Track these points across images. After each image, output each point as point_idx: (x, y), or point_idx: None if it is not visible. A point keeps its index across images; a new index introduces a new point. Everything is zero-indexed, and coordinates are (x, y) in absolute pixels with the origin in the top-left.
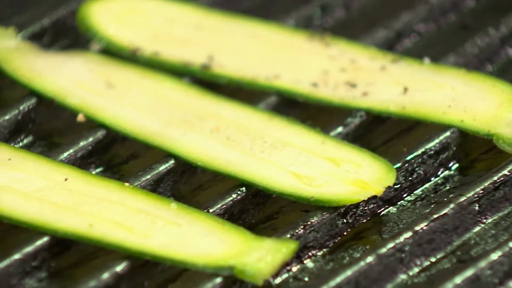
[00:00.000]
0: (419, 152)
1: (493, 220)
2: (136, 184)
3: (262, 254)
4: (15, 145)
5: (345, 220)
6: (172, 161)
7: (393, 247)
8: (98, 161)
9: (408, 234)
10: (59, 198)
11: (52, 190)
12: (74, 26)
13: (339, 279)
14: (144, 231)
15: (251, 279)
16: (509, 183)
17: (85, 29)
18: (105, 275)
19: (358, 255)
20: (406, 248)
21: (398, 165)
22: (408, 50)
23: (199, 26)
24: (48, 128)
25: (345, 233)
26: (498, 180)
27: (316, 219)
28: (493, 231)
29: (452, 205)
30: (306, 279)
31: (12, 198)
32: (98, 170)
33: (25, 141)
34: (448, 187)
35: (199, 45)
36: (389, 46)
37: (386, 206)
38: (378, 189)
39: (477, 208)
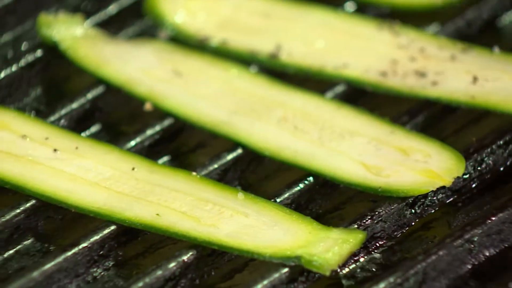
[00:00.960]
0: (489, 142)
1: None
2: (203, 173)
3: (329, 245)
4: (83, 134)
5: (413, 211)
6: (239, 150)
7: (462, 237)
8: (165, 150)
9: (477, 224)
10: (126, 187)
11: (119, 179)
12: (142, 14)
13: (406, 270)
14: (211, 221)
15: (318, 270)
16: None
17: (154, 17)
18: (172, 264)
19: (426, 245)
20: (475, 239)
21: (467, 155)
22: (477, 39)
23: (267, 14)
24: (115, 116)
25: (413, 224)
26: None
27: (384, 209)
28: None
29: None
30: (374, 269)
31: (80, 187)
32: (165, 159)
33: (92, 129)
34: None
35: (267, 34)
36: (459, 35)
37: (455, 197)
38: (447, 180)
39: None
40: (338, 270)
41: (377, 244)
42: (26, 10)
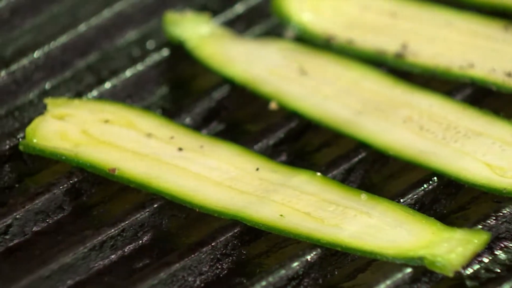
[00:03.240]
0: None
1: None
2: (327, 173)
3: (453, 245)
4: (207, 133)
5: None
6: (364, 150)
7: None
8: (289, 149)
9: None
10: (250, 187)
11: (243, 179)
12: (268, 13)
13: None
14: (335, 222)
15: (442, 270)
16: None
17: (280, 16)
18: (295, 264)
19: None
20: None
21: None
22: None
23: (394, 14)
24: (240, 115)
25: None
26: None
27: (509, 210)
28: None
29: None
30: (498, 270)
31: (204, 186)
32: (290, 158)
33: (217, 128)
34: None
35: (393, 34)
36: None
37: None
38: None
39: None
40: (462, 271)
41: (502, 245)
42: (152, 8)
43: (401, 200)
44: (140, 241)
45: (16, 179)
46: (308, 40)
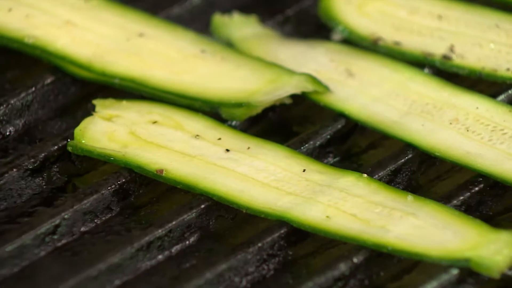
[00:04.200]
0: None
1: None
2: (374, 174)
3: (499, 247)
4: (255, 134)
5: None
6: (410, 151)
7: None
8: (336, 150)
9: None
10: (296, 188)
11: (290, 180)
12: (316, 15)
13: None
14: (381, 224)
15: (487, 272)
16: None
17: (327, 18)
18: (342, 265)
19: None
20: None
21: None
22: None
23: (441, 16)
24: (288, 116)
25: None
26: None
27: None
28: None
29: None
30: None
31: (251, 187)
32: (336, 159)
33: (264, 129)
34: None
35: (440, 36)
36: None
37: None
38: None
39: None
40: (508, 272)
41: None
42: (200, 10)
43: (447, 202)
44: (187, 242)
45: (64, 180)
46: (355, 42)
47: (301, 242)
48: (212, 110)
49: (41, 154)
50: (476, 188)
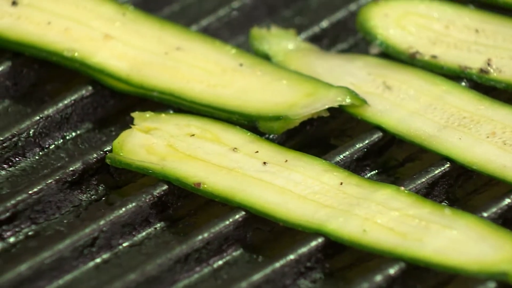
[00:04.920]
0: None
1: None
2: (411, 187)
3: None
4: (292, 147)
5: None
6: (447, 165)
7: None
8: (373, 163)
9: None
10: (333, 201)
11: (327, 193)
12: (353, 29)
13: None
14: (418, 237)
15: None
16: None
17: (365, 32)
18: (378, 277)
19: None
20: None
21: None
22: None
23: (478, 30)
24: (325, 130)
25: None
26: None
27: None
28: None
29: None
30: None
31: (288, 200)
32: (373, 172)
33: (301, 143)
34: None
35: (477, 50)
36: None
37: None
38: None
39: None
40: None
41: None
42: (239, 24)
43: (485, 215)
44: (225, 254)
45: (103, 192)
46: (393, 56)
47: (338, 255)
48: (249, 124)
49: (80, 167)
50: None
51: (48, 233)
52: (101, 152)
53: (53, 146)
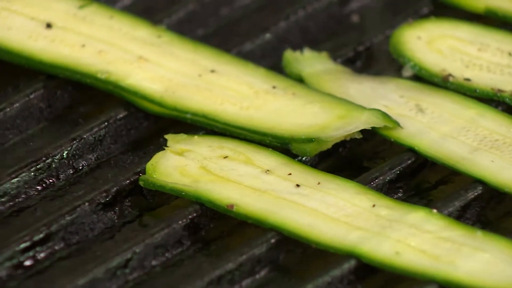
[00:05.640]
0: None
1: None
2: (443, 209)
3: None
4: (324, 169)
5: None
6: (480, 187)
7: None
8: (406, 186)
9: None
10: (366, 223)
11: (360, 215)
12: (387, 51)
13: None
14: (450, 259)
15: None
16: None
17: (398, 54)
18: None
19: None
20: None
21: None
22: None
23: (511, 53)
24: (358, 152)
25: None
26: None
27: None
28: None
29: None
30: None
31: (321, 222)
32: (406, 195)
33: (334, 164)
34: None
35: (510, 72)
36: None
37: None
38: None
39: None
40: None
41: None
42: (272, 46)
43: None
44: (257, 276)
45: (136, 214)
46: (425, 78)
47: (370, 277)
48: (282, 146)
49: (113, 188)
50: None
51: (82, 254)
52: (135, 174)
53: (86, 167)
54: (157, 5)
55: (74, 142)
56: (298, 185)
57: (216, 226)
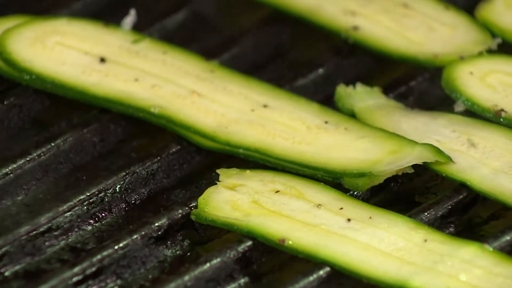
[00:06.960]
0: None
1: None
2: (495, 245)
3: None
4: (376, 204)
5: None
6: None
7: None
8: (457, 221)
9: None
10: (417, 258)
11: (411, 250)
12: (439, 87)
13: None
14: None
15: None
16: None
17: (450, 89)
18: None
19: None
20: None
21: None
22: None
23: None
24: (410, 186)
25: None
26: None
27: None
28: None
29: None
30: None
31: (372, 257)
32: (457, 230)
33: (383, 199)
34: None
35: None
36: None
37: None
38: None
39: None
40: None
41: None
42: (324, 81)
43: None
44: None
45: (188, 248)
46: (478, 113)
47: None
48: (334, 180)
49: (165, 222)
50: None
51: None
52: (187, 208)
53: (139, 201)
54: (211, 44)
55: (127, 176)
56: (349, 220)
57: (267, 260)
